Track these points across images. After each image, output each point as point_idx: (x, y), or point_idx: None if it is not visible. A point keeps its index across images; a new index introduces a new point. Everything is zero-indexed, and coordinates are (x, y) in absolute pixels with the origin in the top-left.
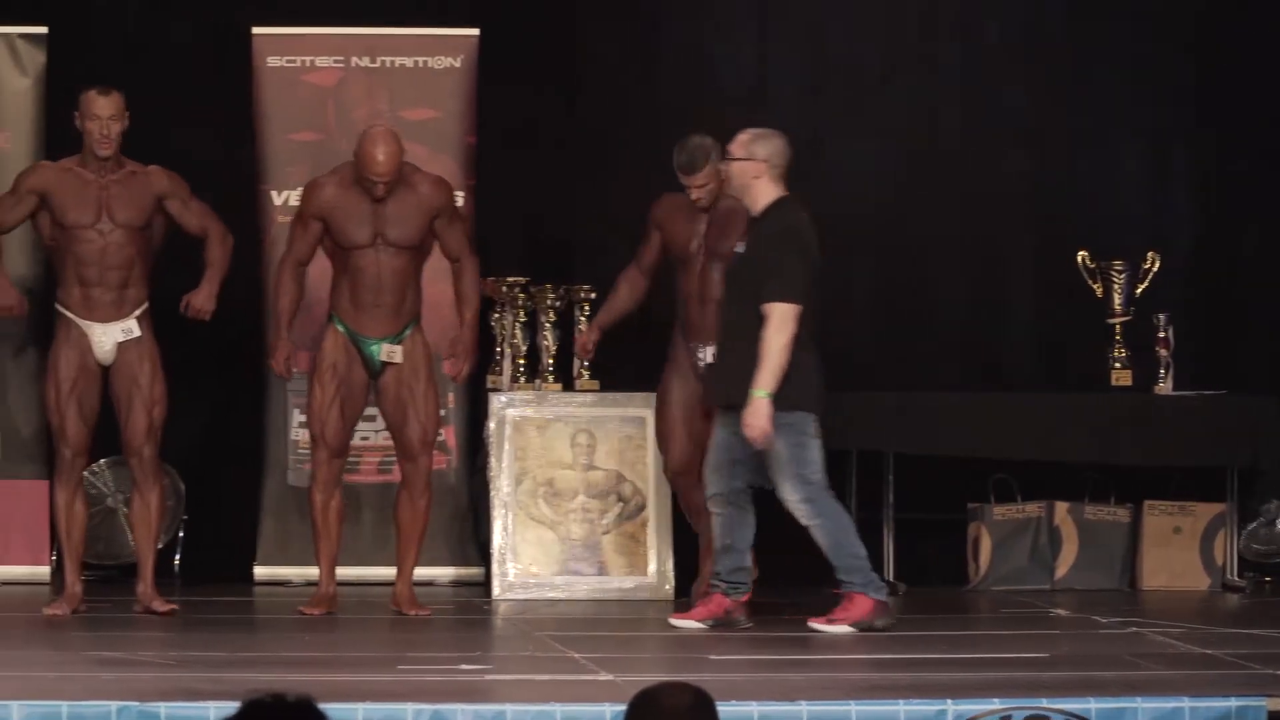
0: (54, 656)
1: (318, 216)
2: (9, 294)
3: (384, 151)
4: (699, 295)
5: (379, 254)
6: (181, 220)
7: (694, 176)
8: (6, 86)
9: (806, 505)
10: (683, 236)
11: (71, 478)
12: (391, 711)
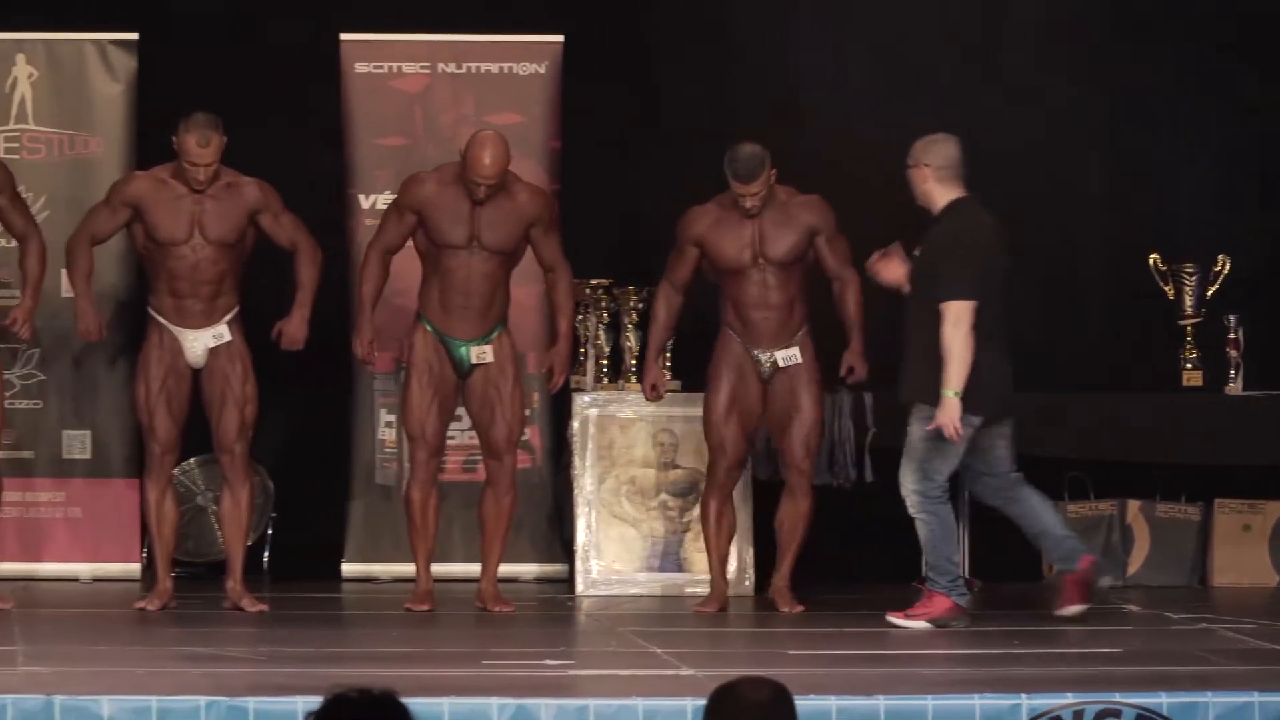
0: (144, 652)
1: (415, 209)
2: (90, 318)
3: (491, 155)
4: (758, 301)
5: (472, 257)
6: (272, 234)
7: (751, 185)
8: (98, 93)
9: (919, 499)
10: (732, 248)
11: (161, 475)
12: (476, 706)
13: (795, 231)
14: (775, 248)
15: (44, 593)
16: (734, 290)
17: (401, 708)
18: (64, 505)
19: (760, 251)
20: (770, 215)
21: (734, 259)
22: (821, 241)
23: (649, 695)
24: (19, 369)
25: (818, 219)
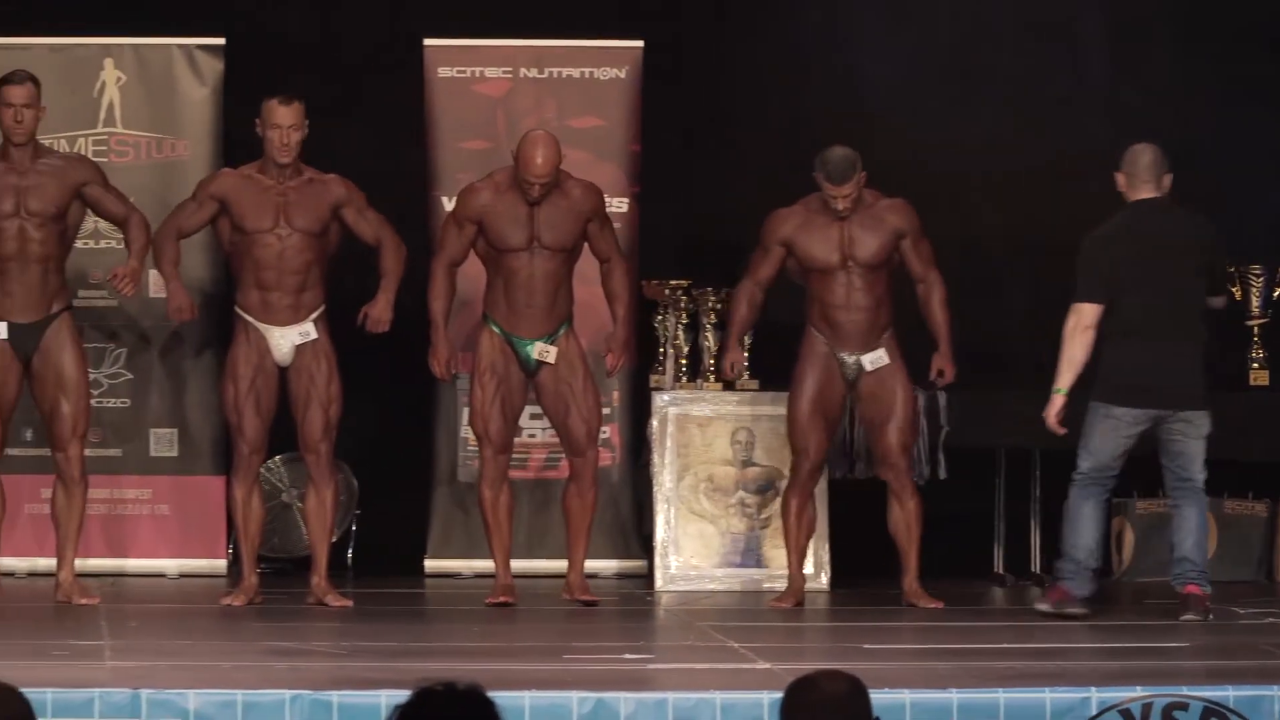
0: (230, 647)
1: (474, 220)
2: (182, 297)
3: (543, 155)
4: (845, 303)
5: (534, 257)
6: (357, 229)
7: (843, 187)
8: (185, 96)
9: (1071, 482)
10: (820, 249)
11: (249, 474)
12: (557, 699)
13: (882, 234)
14: (863, 250)
15: (131, 588)
16: (821, 291)
17: (487, 701)
18: (151, 502)
19: (848, 253)
20: (858, 218)
21: (823, 260)
22: (907, 244)
23: (726, 689)
24: (107, 368)
25: (904, 222)
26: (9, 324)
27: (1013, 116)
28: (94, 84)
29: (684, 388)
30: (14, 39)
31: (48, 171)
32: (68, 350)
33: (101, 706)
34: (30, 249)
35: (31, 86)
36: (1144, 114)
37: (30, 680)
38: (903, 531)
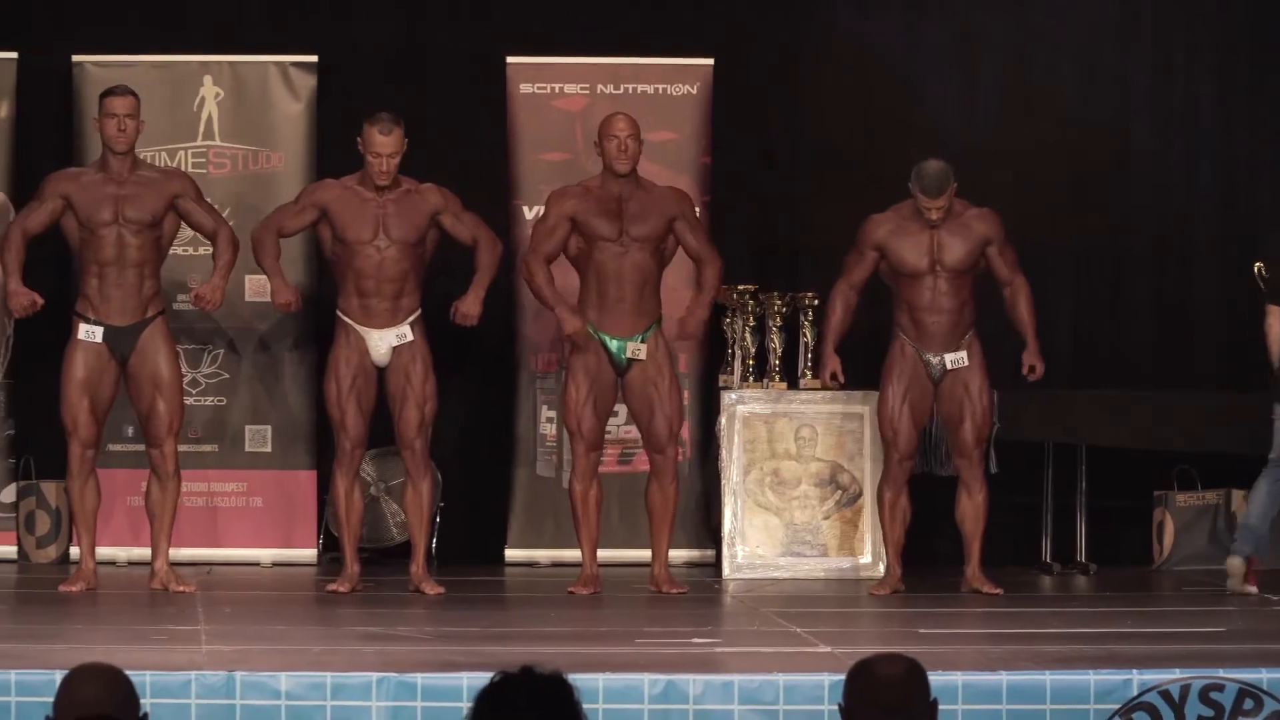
0: (320, 631)
1: (567, 217)
2: (287, 290)
3: (624, 117)
4: (931, 306)
5: (624, 250)
6: (454, 233)
7: (938, 199)
8: (280, 111)
9: None
10: (911, 255)
11: (350, 468)
12: (630, 681)
13: (970, 241)
14: (951, 256)
15: (226, 577)
16: (909, 294)
17: (567, 685)
18: (246, 495)
19: (937, 259)
20: (947, 225)
21: (913, 265)
22: (993, 251)
23: (790, 671)
24: (203, 369)
25: (990, 230)
26: (106, 327)
27: (1066, 130)
28: (193, 99)
29: (750, 387)
30: (119, 56)
31: (144, 182)
32: (163, 352)
33: (198, 688)
34: (127, 255)
35: (133, 99)
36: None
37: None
38: (970, 521)
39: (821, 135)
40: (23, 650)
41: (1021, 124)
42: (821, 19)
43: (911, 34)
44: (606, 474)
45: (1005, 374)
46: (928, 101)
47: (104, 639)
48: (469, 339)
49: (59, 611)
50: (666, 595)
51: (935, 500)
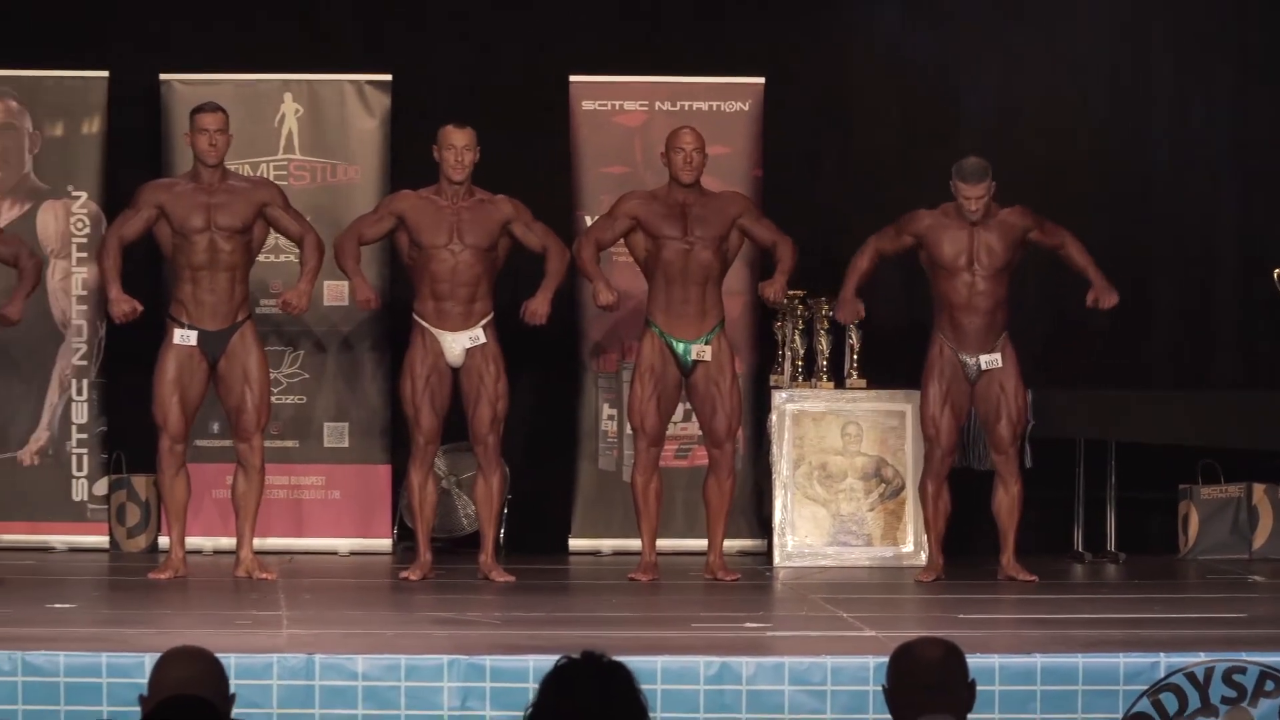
0: (395, 616)
1: (630, 215)
2: (367, 289)
3: (689, 131)
4: (968, 304)
5: (690, 250)
6: (525, 241)
7: (976, 186)
8: (356, 127)
9: None
10: (950, 250)
11: (424, 463)
12: (686, 663)
13: (1009, 238)
14: (988, 253)
15: (306, 565)
16: (947, 291)
17: (626, 671)
18: (325, 488)
19: (975, 256)
20: (985, 225)
21: (951, 259)
22: (1035, 234)
23: (837, 654)
24: (285, 369)
25: (1026, 219)
26: (200, 331)
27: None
28: (275, 115)
29: (800, 386)
30: (205, 75)
31: (234, 191)
32: (252, 354)
33: (279, 670)
34: (219, 259)
35: (222, 115)
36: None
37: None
38: (1005, 513)
39: (865, 149)
40: (114, 634)
41: (1053, 134)
42: (865, 40)
43: (949, 52)
44: (666, 468)
45: (1038, 373)
46: (966, 115)
47: (191, 624)
48: (537, 341)
49: (148, 598)
50: (721, 582)
51: (973, 493)
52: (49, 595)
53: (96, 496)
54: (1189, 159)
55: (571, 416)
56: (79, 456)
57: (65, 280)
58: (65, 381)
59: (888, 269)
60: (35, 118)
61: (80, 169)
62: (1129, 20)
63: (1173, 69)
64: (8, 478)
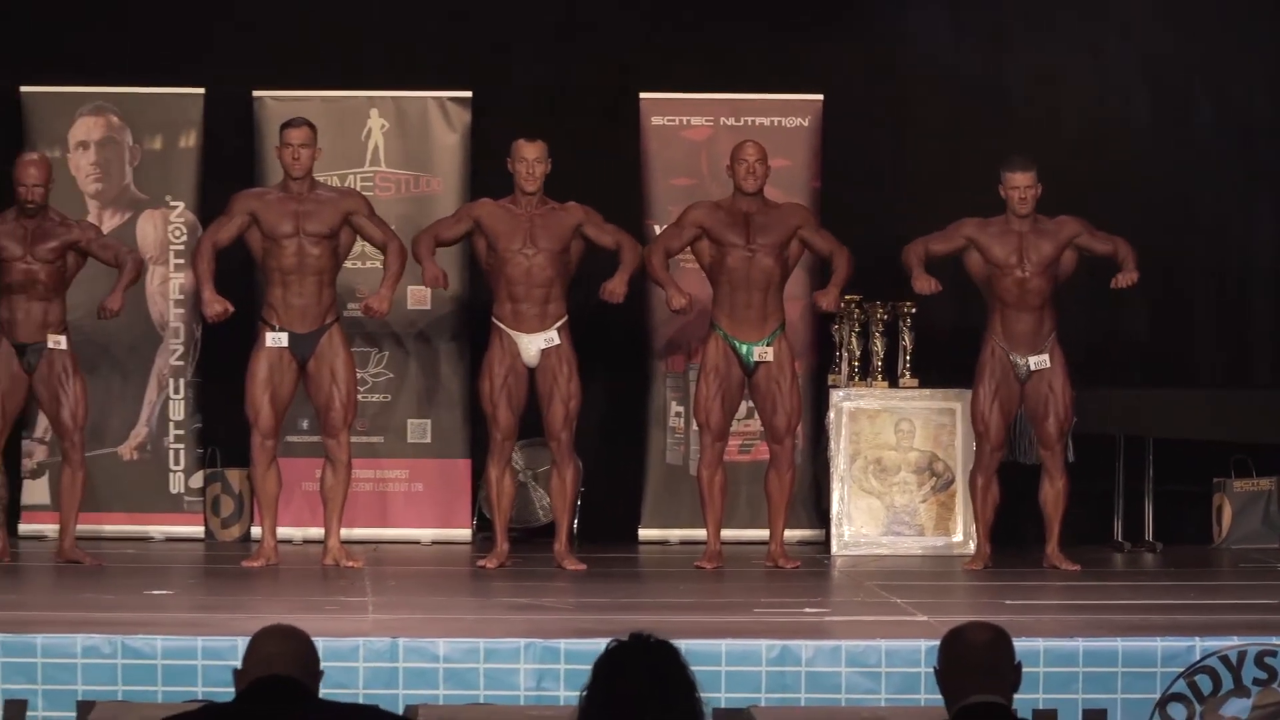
0: (474, 602)
1: (697, 224)
2: (435, 269)
3: (753, 144)
4: (1018, 304)
5: (752, 257)
6: (599, 241)
7: (1025, 175)
8: (438, 141)
9: None
10: (1000, 251)
11: (502, 457)
12: (749, 646)
13: (1057, 241)
14: (1038, 255)
15: (390, 554)
16: (999, 291)
17: (673, 649)
18: (408, 481)
19: (1025, 256)
20: (1033, 230)
21: (1002, 259)
22: (1085, 239)
23: (890, 637)
24: (371, 369)
25: (1075, 227)
26: (290, 334)
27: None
28: (361, 130)
29: (856, 385)
30: (294, 91)
31: (322, 199)
32: (340, 355)
33: (365, 653)
34: (307, 263)
35: (308, 130)
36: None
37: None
38: (1051, 504)
39: (918, 161)
40: (208, 619)
41: (1097, 148)
42: (917, 59)
43: (999, 70)
44: (730, 462)
45: (1081, 374)
46: (1014, 128)
47: (282, 609)
48: (609, 342)
49: (242, 584)
50: (782, 570)
51: (1020, 486)
52: (147, 583)
53: (192, 489)
54: (1227, 167)
55: (641, 414)
56: (176, 451)
57: (163, 285)
58: (163, 381)
59: (940, 276)
60: (135, 132)
61: (177, 180)
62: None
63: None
64: (109, 472)
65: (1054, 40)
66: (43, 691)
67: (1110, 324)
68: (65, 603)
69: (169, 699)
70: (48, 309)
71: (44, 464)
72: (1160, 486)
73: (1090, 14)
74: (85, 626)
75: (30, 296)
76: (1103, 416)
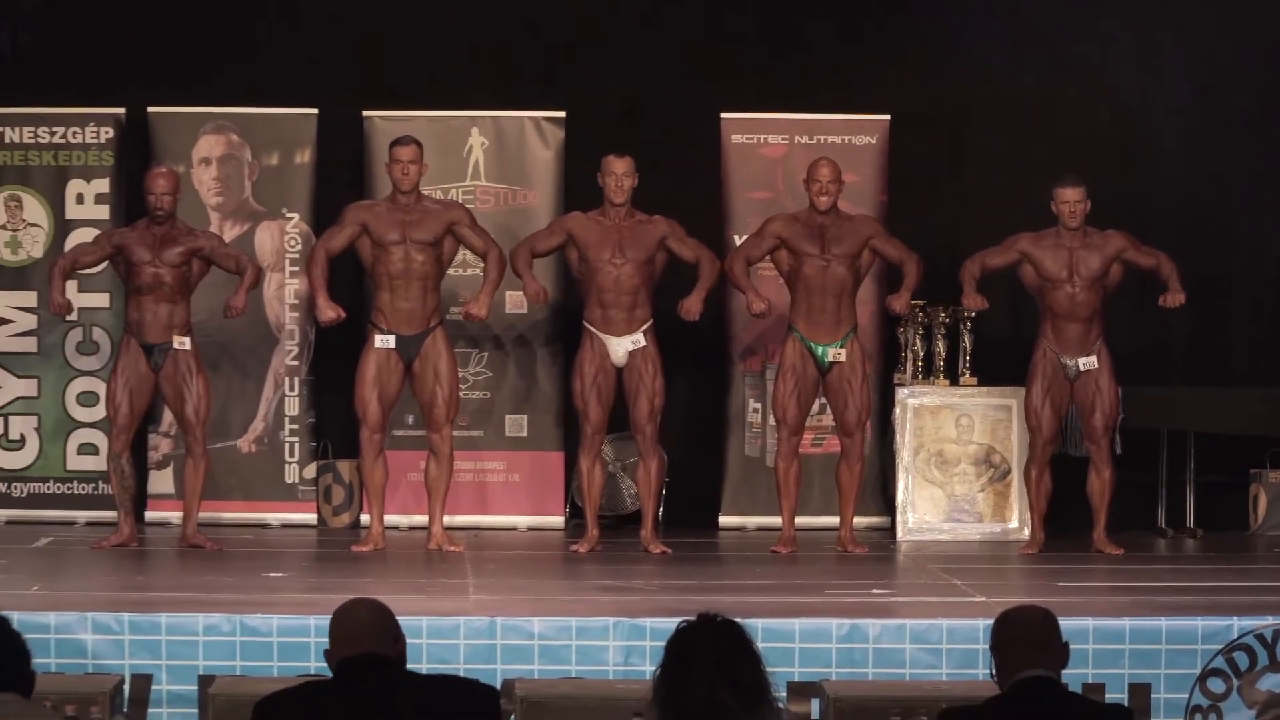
0: (567, 584)
1: (775, 235)
2: (536, 284)
3: (828, 164)
4: (1069, 313)
5: (827, 265)
6: (680, 254)
7: (1074, 190)
8: (534, 157)
9: None
10: (1053, 264)
11: (592, 450)
12: (820, 625)
13: (1105, 254)
14: (1087, 268)
15: (489, 539)
16: (1051, 302)
17: (739, 627)
18: (506, 472)
19: (1075, 270)
20: (1083, 243)
21: (1054, 273)
22: (1130, 254)
23: (951, 617)
24: (472, 368)
25: (1121, 241)
26: (397, 336)
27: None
28: (463, 147)
29: (920, 384)
30: (401, 112)
31: (427, 210)
32: (443, 355)
33: (465, 631)
34: (413, 269)
35: (416, 147)
36: None
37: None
38: (1098, 494)
39: (978, 175)
40: (321, 599)
41: (1143, 162)
42: (977, 82)
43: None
44: (804, 454)
45: (1130, 373)
46: (1068, 144)
47: (388, 590)
48: (693, 344)
49: (351, 567)
50: (851, 554)
51: (1071, 477)
52: (264, 566)
53: (306, 479)
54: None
55: (721, 409)
56: (290, 444)
57: (280, 290)
58: (279, 379)
59: (996, 284)
60: (254, 149)
61: (293, 194)
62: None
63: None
64: (229, 463)
65: (1108, 62)
66: (167, 667)
67: (1155, 327)
68: (188, 584)
69: (284, 673)
70: (173, 311)
71: (169, 456)
72: (1201, 477)
73: (1145, 37)
74: (206, 606)
75: (157, 299)
76: (1148, 412)
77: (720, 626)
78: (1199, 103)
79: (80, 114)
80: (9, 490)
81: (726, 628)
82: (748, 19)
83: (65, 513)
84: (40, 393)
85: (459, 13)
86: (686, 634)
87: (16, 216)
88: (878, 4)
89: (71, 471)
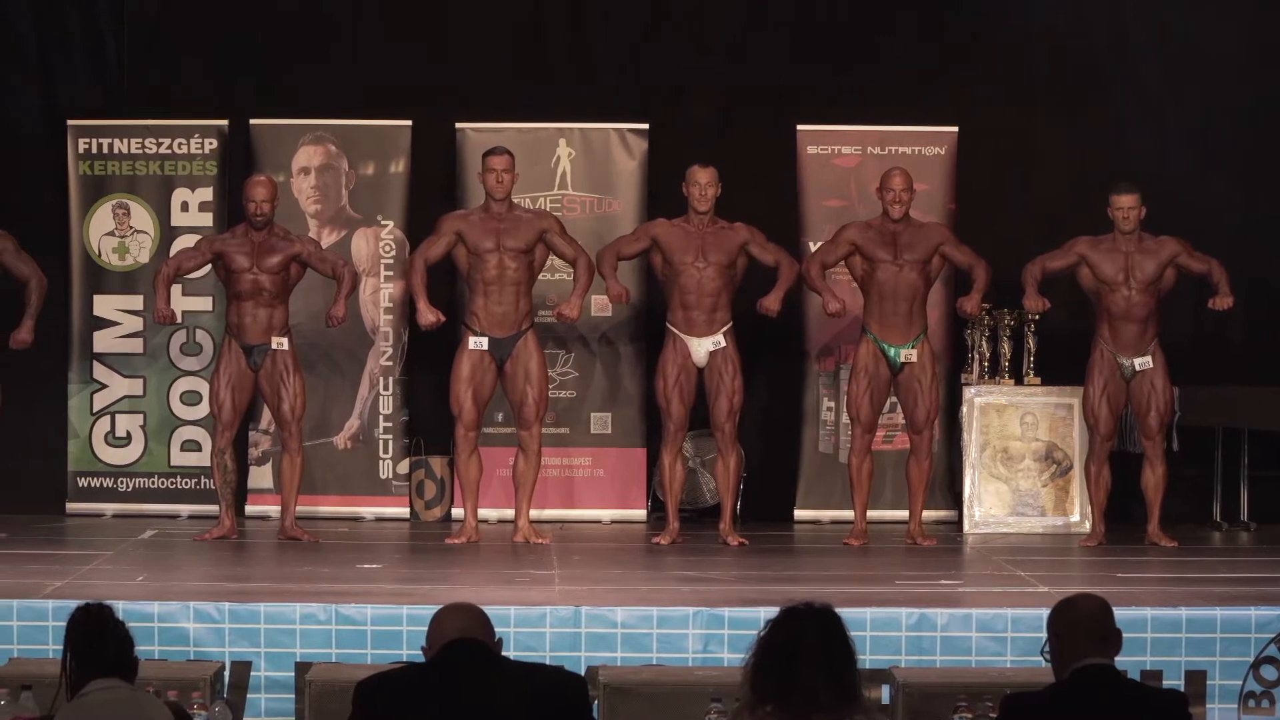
0: (649, 575)
1: (849, 242)
2: (619, 286)
3: (900, 173)
4: (1125, 315)
5: (899, 270)
6: (761, 259)
7: (1129, 197)
8: (618, 167)
9: None
10: (1109, 268)
11: (675, 445)
12: (891, 614)
13: (1159, 259)
14: (1142, 272)
15: (574, 532)
16: (1108, 304)
17: (836, 615)
18: (591, 467)
19: (1130, 273)
20: (1138, 248)
21: (1110, 276)
22: (1184, 259)
23: (1015, 606)
24: (559, 368)
25: (1176, 246)
26: (490, 338)
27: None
28: (551, 157)
29: (986, 383)
30: (493, 124)
31: (519, 219)
32: (534, 357)
33: (551, 619)
34: (506, 275)
35: (508, 157)
36: None
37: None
38: (1152, 489)
39: (1042, 184)
40: (413, 590)
41: (1202, 171)
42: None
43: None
44: (876, 451)
45: (1186, 372)
46: (1128, 154)
47: (479, 581)
48: (770, 345)
49: (444, 559)
50: (920, 546)
51: (1130, 472)
52: (359, 557)
53: (399, 474)
54: None
55: (797, 408)
56: (385, 441)
57: (375, 294)
58: (374, 379)
59: (1058, 288)
60: (351, 159)
61: (388, 202)
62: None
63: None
64: (327, 458)
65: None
66: (265, 654)
67: (1211, 327)
68: (286, 575)
69: (377, 661)
70: (272, 314)
71: (267, 452)
72: (1255, 472)
73: (1196, 54)
74: (303, 596)
75: (257, 303)
76: (1204, 410)
77: (821, 613)
78: (1255, 108)
79: (186, 125)
80: (116, 485)
81: (827, 615)
82: (823, 37)
83: (169, 506)
84: (146, 392)
85: (548, 29)
86: (791, 615)
87: (124, 224)
88: (947, 22)
89: (175, 467)
